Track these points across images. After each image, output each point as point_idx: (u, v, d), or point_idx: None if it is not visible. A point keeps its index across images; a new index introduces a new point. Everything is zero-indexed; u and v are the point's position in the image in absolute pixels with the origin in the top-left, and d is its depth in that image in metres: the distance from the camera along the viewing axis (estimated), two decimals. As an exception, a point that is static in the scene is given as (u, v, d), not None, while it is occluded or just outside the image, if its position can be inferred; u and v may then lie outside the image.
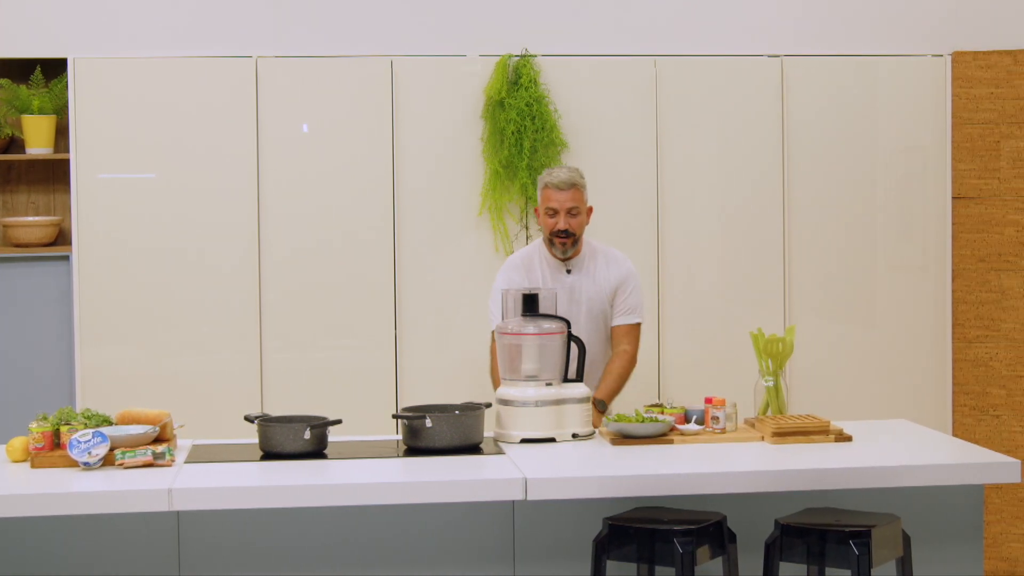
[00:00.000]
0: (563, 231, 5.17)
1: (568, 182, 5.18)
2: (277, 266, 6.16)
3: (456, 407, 4.65)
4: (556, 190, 5.17)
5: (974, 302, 6.45)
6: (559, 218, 5.17)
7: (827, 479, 4.18)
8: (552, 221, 5.19)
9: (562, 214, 5.17)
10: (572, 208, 5.17)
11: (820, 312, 6.42)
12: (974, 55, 6.42)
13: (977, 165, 6.44)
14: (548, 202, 5.19)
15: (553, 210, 5.18)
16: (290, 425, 4.42)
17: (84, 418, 4.40)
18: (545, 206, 5.20)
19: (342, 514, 4.22)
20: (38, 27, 6.13)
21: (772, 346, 4.81)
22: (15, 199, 6.43)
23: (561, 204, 5.16)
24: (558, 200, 5.16)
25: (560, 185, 5.17)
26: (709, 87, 6.36)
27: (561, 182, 5.18)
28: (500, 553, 4.29)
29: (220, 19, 6.20)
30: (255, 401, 6.12)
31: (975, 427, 6.44)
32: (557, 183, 5.18)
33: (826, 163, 6.41)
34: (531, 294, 4.79)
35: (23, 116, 6.20)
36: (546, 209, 5.20)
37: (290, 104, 6.17)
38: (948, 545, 4.46)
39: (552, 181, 5.20)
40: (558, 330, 4.73)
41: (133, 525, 4.18)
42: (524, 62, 6.21)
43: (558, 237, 5.19)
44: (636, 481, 4.12)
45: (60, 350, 6.19)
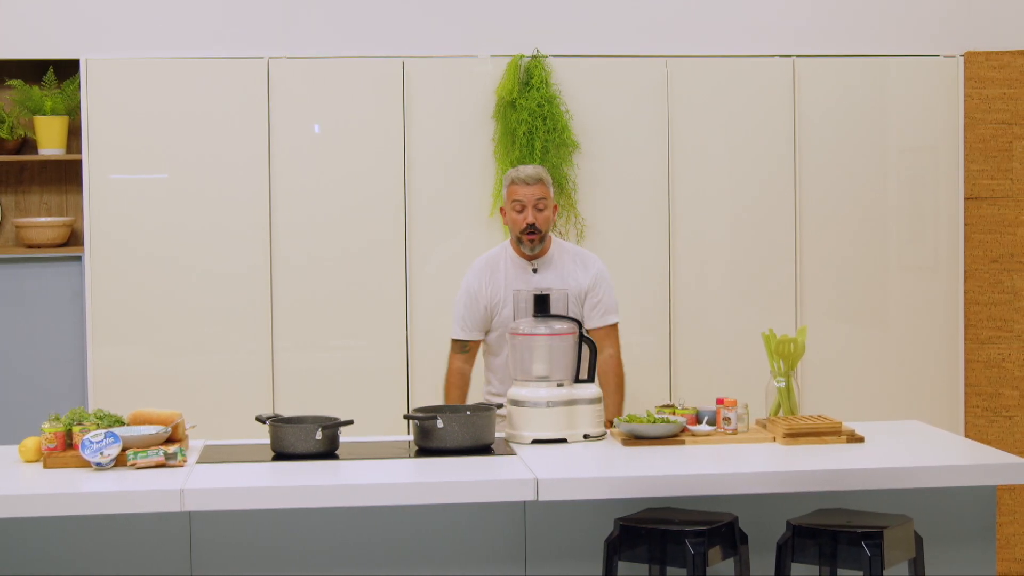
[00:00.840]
0: (531, 226, 5.09)
1: (535, 176, 5.12)
2: (289, 266, 6.16)
3: (467, 408, 4.65)
4: (522, 184, 5.11)
5: (986, 303, 6.44)
6: (527, 212, 5.09)
7: (839, 480, 4.17)
8: (519, 216, 5.11)
9: (529, 208, 5.10)
10: (538, 202, 5.10)
11: (832, 313, 6.41)
12: (987, 55, 6.41)
13: (990, 166, 6.43)
14: (514, 196, 5.12)
15: (521, 204, 5.11)
16: (302, 426, 4.42)
17: (96, 418, 4.40)
18: (511, 200, 5.13)
19: (354, 515, 4.22)
20: (50, 28, 6.14)
21: (784, 347, 4.80)
22: (28, 200, 6.44)
23: (528, 198, 5.09)
24: (524, 194, 5.10)
25: (526, 179, 5.11)
26: (721, 87, 6.35)
27: (528, 176, 5.12)
28: (511, 554, 4.29)
29: (232, 20, 6.21)
30: (267, 402, 6.12)
31: (987, 428, 6.43)
32: (524, 177, 5.12)
33: (838, 164, 6.40)
34: (542, 295, 4.78)
35: (36, 117, 6.22)
36: (512, 203, 5.13)
37: (302, 105, 6.18)
38: (960, 546, 4.44)
39: (519, 176, 5.13)
40: (569, 331, 4.73)
41: (145, 525, 4.18)
42: (535, 63, 6.21)
43: (526, 234, 5.11)
44: (648, 482, 4.12)
45: (72, 350, 6.20)
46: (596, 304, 5.20)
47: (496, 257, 5.28)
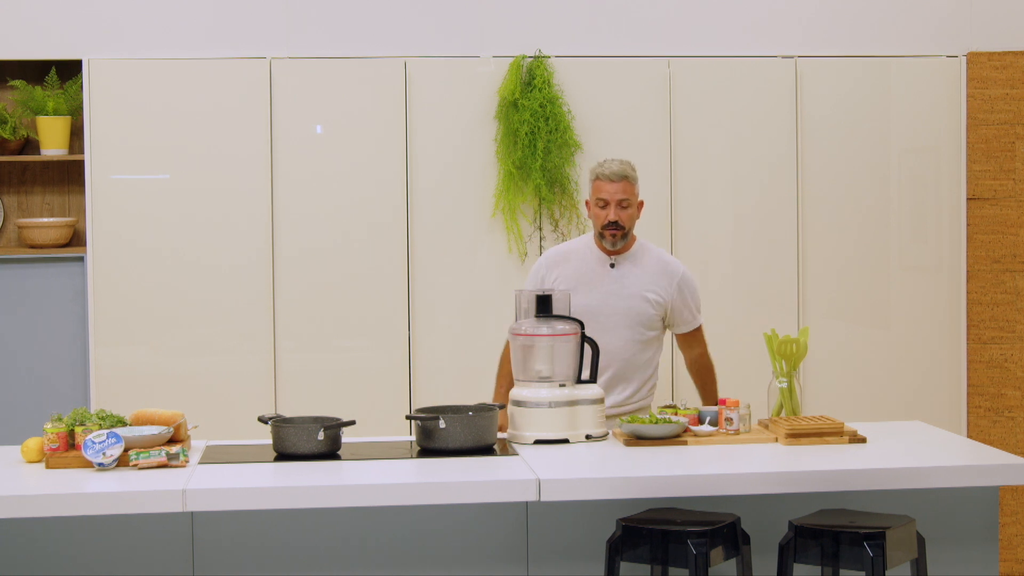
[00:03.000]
0: (613, 223, 5.04)
1: (620, 174, 5.05)
2: (291, 266, 6.16)
3: (470, 408, 4.65)
4: (607, 181, 5.05)
5: (989, 303, 6.44)
6: (609, 210, 5.04)
7: (841, 480, 4.17)
8: (603, 213, 5.06)
9: (612, 205, 5.04)
10: (623, 200, 5.04)
11: (834, 313, 6.41)
12: (989, 56, 6.41)
13: (992, 166, 6.43)
14: (599, 193, 5.06)
15: (604, 201, 5.05)
16: (304, 426, 4.42)
17: (98, 419, 4.41)
18: (596, 197, 5.06)
19: (356, 515, 4.22)
20: (53, 29, 6.15)
21: (786, 347, 4.80)
22: (30, 200, 6.45)
23: (612, 195, 5.03)
24: (609, 191, 5.04)
25: (612, 176, 5.04)
26: (723, 88, 6.35)
27: (613, 173, 5.04)
28: (513, 554, 4.29)
29: (234, 21, 6.21)
30: (269, 402, 6.13)
31: (990, 429, 6.43)
32: (609, 174, 5.05)
33: (840, 164, 6.40)
34: (544, 295, 4.77)
35: (38, 117, 6.22)
36: (596, 200, 5.07)
37: (304, 105, 6.18)
38: (963, 547, 4.44)
39: (604, 172, 5.06)
40: (572, 331, 4.73)
41: (147, 526, 4.18)
42: (538, 63, 6.21)
43: (608, 229, 5.05)
44: (650, 482, 4.12)
45: (74, 351, 6.20)
46: (683, 311, 5.18)
47: (573, 248, 5.24)
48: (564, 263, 5.17)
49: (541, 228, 6.24)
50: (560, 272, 5.15)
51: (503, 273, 6.23)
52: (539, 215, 6.23)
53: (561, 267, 5.16)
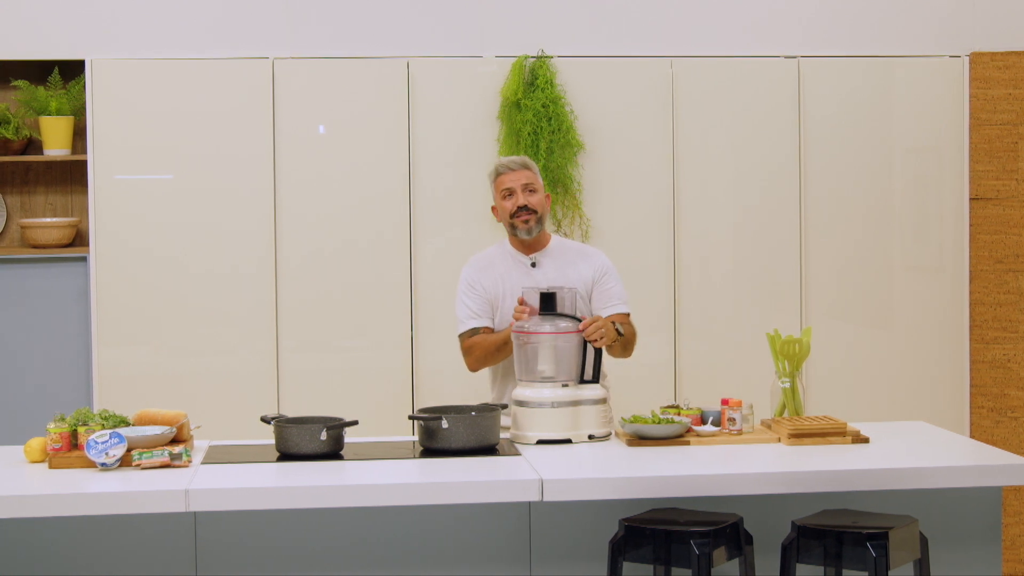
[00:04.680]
0: (523, 206, 4.94)
1: (518, 162, 5.00)
2: (293, 267, 6.16)
3: (472, 408, 4.65)
4: (507, 171, 4.98)
5: (992, 303, 6.43)
6: (516, 196, 4.95)
7: (844, 481, 4.17)
8: (510, 201, 4.95)
9: (518, 191, 4.95)
10: (527, 184, 4.96)
11: (837, 313, 6.41)
12: (992, 56, 6.41)
13: (995, 166, 6.42)
14: (502, 185, 4.98)
15: (509, 190, 4.96)
16: (306, 426, 4.42)
17: (101, 419, 4.41)
18: (499, 191, 4.99)
19: (358, 515, 4.22)
20: (56, 29, 6.15)
21: (788, 347, 4.80)
22: (33, 200, 6.45)
23: (515, 182, 4.96)
24: (512, 179, 4.96)
25: (511, 165, 4.99)
26: (725, 88, 6.35)
27: (511, 162, 4.99)
28: (516, 554, 4.29)
29: (237, 21, 6.21)
30: (271, 402, 6.13)
31: (993, 429, 6.42)
32: (507, 164, 4.99)
33: (843, 164, 6.40)
34: (549, 293, 4.75)
35: (41, 117, 6.22)
36: (501, 193, 4.98)
37: (306, 105, 6.18)
38: (966, 547, 4.44)
39: (501, 164, 5.02)
40: (574, 329, 4.72)
41: (150, 526, 4.18)
42: (540, 63, 6.21)
43: (519, 216, 4.95)
44: (652, 482, 4.12)
45: (77, 351, 6.21)
46: (605, 294, 5.02)
47: (492, 254, 5.13)
48: (489, 268, 5.07)
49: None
50: (489, 275, 5.05)
51: (506, 273, 6.22)
52: (542, 215, 6.22)
53: (487, 273, 5.06)
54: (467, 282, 5.08)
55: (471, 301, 5.04)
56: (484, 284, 5.04)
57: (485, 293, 5.03)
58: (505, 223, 5.06)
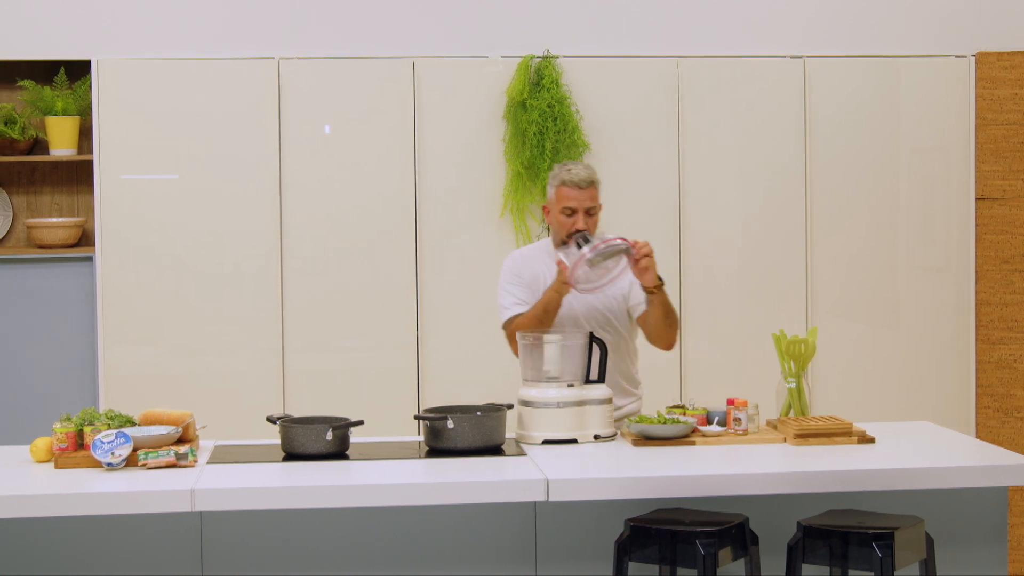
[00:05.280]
0: (581, 232, 4.81)
1: (587, 179, 4.84)
2: (299, 267, 6.17)
3: (478, 408, 4.65)
4: (575, 188, 4.81)
5: (998, 303, 6.43)
6: (577, 218, 4.84)
7: (850, 481, 4.17)
8: (569, 221, 4.83)
9: (580, 213, 4.84)
10: (591, 208, 4.85)
11: (843, 313, 6.40)
12: (998, 56, 6.40)
13: (1001, 166, 6.42)
14: (566, 201, 4.82)
15: (571, 210, 4.83)
16: (312, 426, 4.42)
17: (107, 419, 4.41)
18: (562, 205, 4.84)
19: (364, 515, 4.22)
20: (62, 29, 6.16)
21: (794, 347, 4.80)
22: (39, 200, 6.45)
23: (580, 203, 4.83)
24: (577, 199, 4.82)
25: (580, 183, 4.83)
26: (731, 88, 6.35)
27: (581, 180, 4.83)
28: (522, 554, 4.29)
29: (243, 21, 6.21)
30: (277, 402, 6.13)
31: (999, 429, 6.42)
32: (577, 181, 4.81)
33: (849, 164, 6.40)
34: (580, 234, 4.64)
35: (47, 118, 6.23)
36: (563, 209, 4.84)
37: (312, 105, 6.18)
38: (972, 547, 4.44)
39: (571, 179, 4.82)
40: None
41: (156, 526, 4.19)
42: (546, 63, 6.21)
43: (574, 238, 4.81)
44: (658, 482, 4.12)
45: (83, 351, 6.21)
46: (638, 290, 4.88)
47: (535, 251, 5.05)
48: (532, 263, 5.00)
49: (549, 228, 6.22)
50: (532, 268, 4.97)
51: (511, 273, 6.22)
52: (547, 215, 6.22)
53: (529, 266, 4.99)
54: (511, 272, 4.99)
55: (515, 289, 4.95)
56: (526, 276, 4.97)
57: (528, 283, 4.95)
58: (556, 235, 4.96)
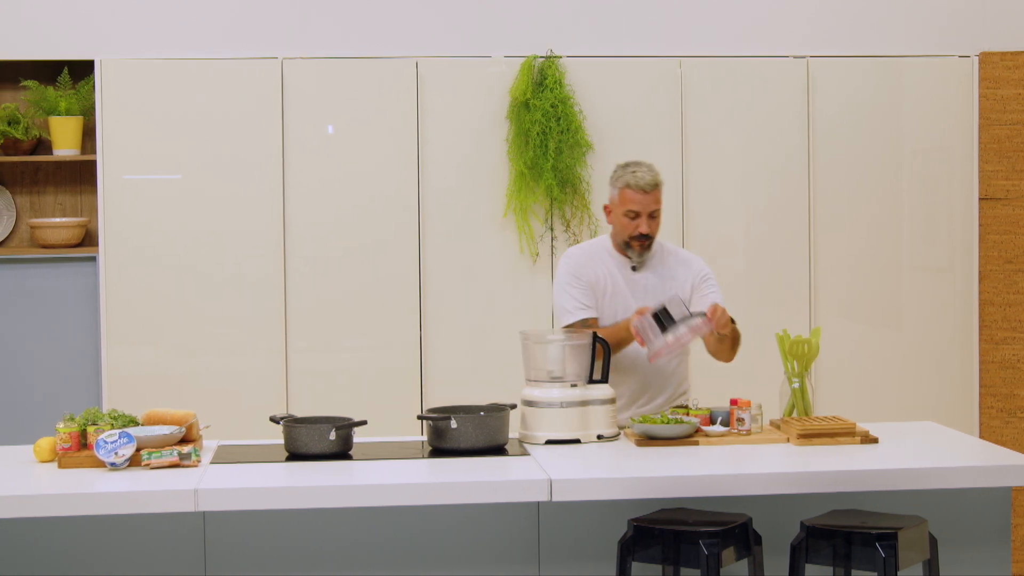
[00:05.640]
0: (644, 235, 4.82)
1: (652, 183, 4.78)
2: (302, 266, 6.17)
3: (481, 408, 4.65)
4: (640, 192, 4.77)
5: (1001, 304, 6.42)
6: (640, 221, 4.79)
7: (853, 481, 4.17)
8: (632, 224, 4.80)
9: (644, 217, 4.79)
10: (654, 211, 4.82)
11: (846, 313, 6.40)
12: (1002, 55, 6.40)
13: (1004, 166, 6.41)
14: (629, 204, 4.79)
15: (635, 213, 4.79)
16: (315, 426, 4.42)
17: (111, 419, 4.41)
18: (625, 208, 4.80)
19: (367, 515, 4.22)
20: (65, 29, 6.16)
21: (797, 347, 4.80)
22: (42, 200, 6.46)
23: (644, 207, 4.78)
24: (641, 203, 4.77)
25: (645, 187, 4.77)
26: (735, 88, 6.35)
27: (647, 184, 4.77)
28: (525, 554, 4.29)
29: (246, 21, 6.22)
30: (280, 402, 6.13)
31: (1002, 429, 6.41)
32: (643, 185, 4.77)
33: (852, 164, 6.39)
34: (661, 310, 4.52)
35: (50, 118, 6.23)
36: (626, 212, 4.80)
37: (316, 105, 6.18)
38: (975, 548, 4.44)
39: (636, 183, 4.78)
40: (703, 322, 4.64)
41: (159, 525, 4.19)
42: (549, 63, 6.21)
43: (637, 241, 4.84)
44: (661, 482, 4.12)
45: (87, 351, 6.21)
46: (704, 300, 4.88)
47: (594, 249, 4.99)
48: (591, 263, 4.95)
49: (553, 228, 6.23)
50: (591, 266, 4.93)
51: (514, 273, 6.23)
52: (551, 215, 6.23)
53: (588, 267, 4.94)
54: (571, 273, 4.93)
55: (577, 292, 4.90)
56: (587, 276, 4.92)
57: (588, 284, 4.91)
58: (617, 237, 4.92)
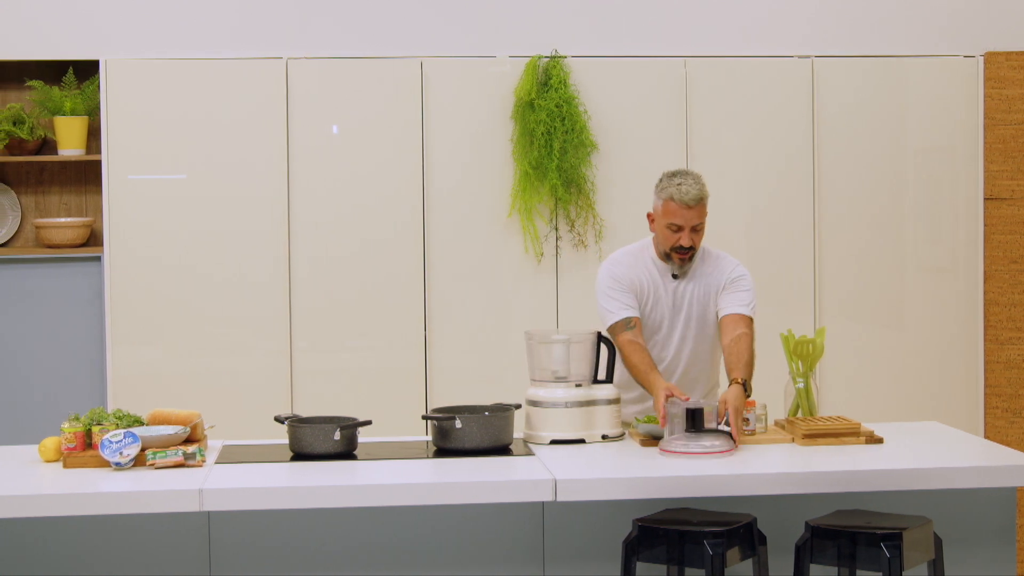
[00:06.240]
0: (687, 248, 4.77)
1: (697, 198, 4.70)
2: (307, 267, 6.17)
3: (486, 408, 4.65)
4: (684, 207, 4.70)
5: (1006, 304, 6.42)
6: (683, 235, 4.74)
7: (858, 481, 4.16)
8: (675, 236, 4.75)
9: (687, 231, 4.74)
10: (697, 225, 4.77)
11: (851, 314, 6.40)
12: (1007, 55, 6.39)
13: (1009, 166, 6.41)
14: (672, 217, 4.73)
15: (677, 226, 4.73)
16: (320, 426, 4.43)
17: (115, 418, 4.42)
18: (668, 221, 4.74)
19: (372, 515, 4.23)
20: (70, 29, 6.17)
21: (802, 348, 4.80)
22: (47, 200, 6.46)
23: (687, 221, 4.72)
24: (684, 217, 4.71)
25: (690, 202, 4.69)
26: (739, 88, 6.34)
27: (691, 199, 4.69)
28: (529, 554, 4.29)
29: (251, 21, 6.22)
30: (285, 402, 6.13)
31: (1007, 429, 6.41)
32: (688, 200, 4.70)
33: (857, 164, 6.39)
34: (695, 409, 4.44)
35: (55, 118, 6.24)
36: (669, 225, 4.74)
37: (320, 105, 6.19)
38: (980, 548, 4.43)
39: (681, 197, 4.70)
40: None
41: (164, 525, 4.19)
42: (554, 63, 6.21)
43: (679, 253, 4.79)
44: (666, 482, 4.12)
45: (92, 351, 6.22)
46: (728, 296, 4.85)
47: (635, 254, 4.95)
48: (633, 268, 4.91)
49: (557, 228, 6.23)
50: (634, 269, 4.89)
51: (519, 273, 6.23)
52: (555, 215, 6.23)
53: (630, 271, 4.90)
54: (612, 277, 4.90)
55: (619, 294, 4.86)
56: (629, 279, 4.88)
57: (630, 288, 4.87)
58: (660, 246, 4.87)
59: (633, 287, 4.88)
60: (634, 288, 4.88)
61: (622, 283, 4.89)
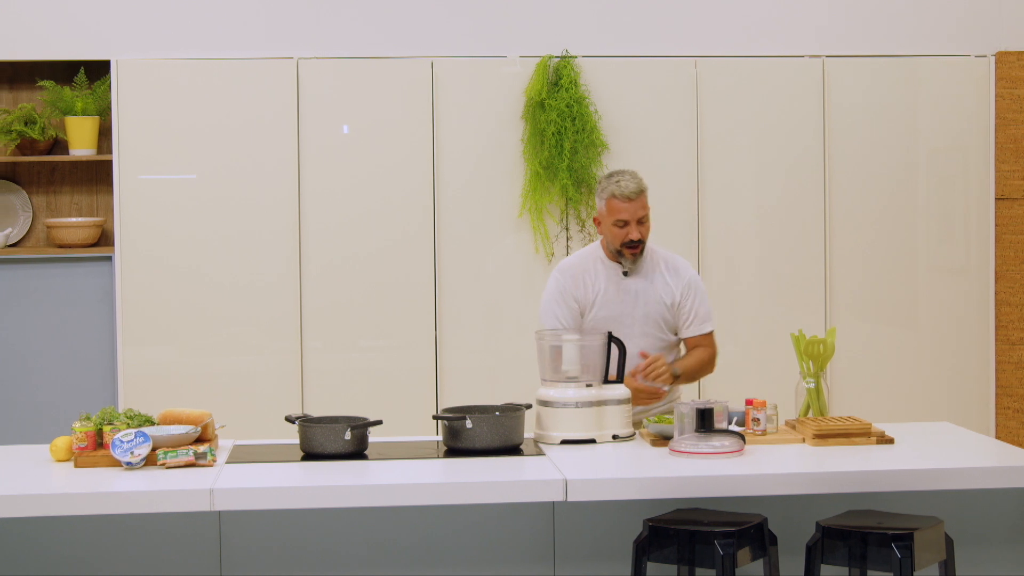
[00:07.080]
0: (636, 241, 4.85)
1: (636, 190, 4.85)
2: (318, 266, 6.18)
3: (496, 408, 4.65)
4: (625, 201, 4.82)
5: (1018, 304, 6.41)
6: (630, 228, 4.83)
7: (869, 481, 4.16)
8: (622, 232, 4.84)
9: (633, 224, 4.85)
10: (642, 217, 4.86)
11: (861, 313, 6.39)
12: (1018, 55, 6.38)
13: (1021, 166, 6.40)
14: (617, 214, 4.83)
15: (623, 221, 4.83)
16: (331, 426, 4.43)
17: (127, 418, 4.42)
18: (614, 219, 4.84)
19: (382, 515, 4.23)
20: (82, 29, 6.18)
21: (813, 348, 4.79)
22: (59, 200, 6.48)
23: (632, 214, 4.83)
24: (628, 211, 4.82)
25: (630, 195, 4.82)
26: (750, 88, 6.34)
27: (631, 192, 4.83)
28: (540, 554, 4.29)
29: (262, 21, 6.23)
30: (296, 402, 6.14)
31: (1019, 430, 6.40)
32: (627, 193, 4.82)
33: (868, 164, 6.38)
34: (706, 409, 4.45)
35: (67, 118, 6.25)
36: (615, 222, 4.84)
37: (331, 105, 6.19)
38: (992, 548, 4.43)
39: (621, 192, 4.83)
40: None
41: (175, 525, 4.20)
42: (564, 63, 6.21)
43: (630, 248, 4.87)
44: (676, 482, 4.11)
45: (103, 350, 6.23)
46: (690, 314, 4.98)
47: (584, 260, 5.03)
48: (581, 276, 4.99)
49: (568, 228, 6.23)
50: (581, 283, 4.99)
51: (530, 273, 6.23)
52: (566, 215, 6.23)
53: (579, 281, 4.99)
54: (558, 290, 4.99)
55: (560, 310, 4.97)
56: (576, 294, 4.97)
57: (575, 304, 4.97)
58: (610, 246, 4.95)
59: (578, 298, 4.97)
60: (579, 299, 4.97)
61: (566, 297, 4.98)
